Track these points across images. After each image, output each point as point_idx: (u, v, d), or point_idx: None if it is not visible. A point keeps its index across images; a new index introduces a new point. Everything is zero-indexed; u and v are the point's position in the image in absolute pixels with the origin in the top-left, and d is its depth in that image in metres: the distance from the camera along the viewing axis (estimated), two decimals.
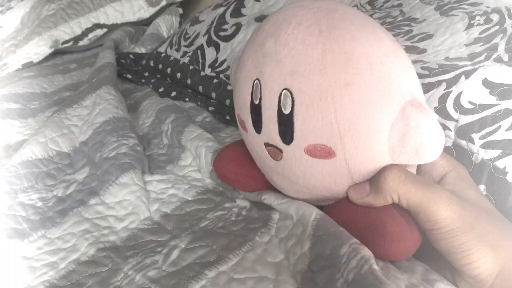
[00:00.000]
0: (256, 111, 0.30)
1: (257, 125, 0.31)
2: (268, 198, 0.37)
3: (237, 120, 0.34)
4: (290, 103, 0.28)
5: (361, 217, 0.30)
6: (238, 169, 0.38)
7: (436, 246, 0.28)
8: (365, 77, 0.26)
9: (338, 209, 0.33)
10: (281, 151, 0.30)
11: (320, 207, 0.34)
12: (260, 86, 0.29)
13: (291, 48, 0.28)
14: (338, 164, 0.29)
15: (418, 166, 0.33)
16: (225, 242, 0.35)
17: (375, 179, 0.30)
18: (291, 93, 0.28)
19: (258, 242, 0.35)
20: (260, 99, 0.30)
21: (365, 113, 0.27)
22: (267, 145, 0.31)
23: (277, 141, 0.30)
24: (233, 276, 0.32)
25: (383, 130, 0.27)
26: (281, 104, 0.28)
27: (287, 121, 0.28)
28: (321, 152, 0.28)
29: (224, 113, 0.61)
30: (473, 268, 0.27)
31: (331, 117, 0.27)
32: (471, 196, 0.30)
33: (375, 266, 0.27)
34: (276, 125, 0.29)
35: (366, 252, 0.28)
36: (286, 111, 0.28)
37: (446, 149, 0.37)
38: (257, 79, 0.30)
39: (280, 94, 0.28)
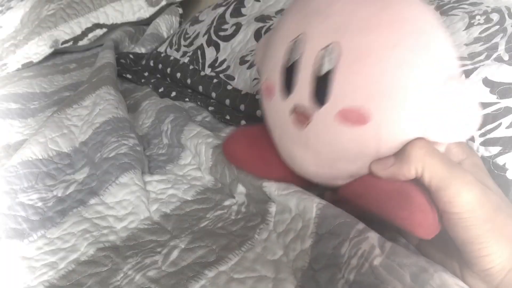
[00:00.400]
0: (290, 70, 0.29)
1: (288, 86, 0.29)
2: (269, 187, 0.36)
3: (262, 89, 0.33)
4: (334, 60, 0.27)
5: (383, 184, 0.29)
6: (250, 149, 0.37)
7: (452, 234, 0.27)
8: (415, 42, 0.26)
9: (358, 180, 0.31)
10: (308, 116, 0.29)
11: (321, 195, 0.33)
12: (302, 42, 0.28)
13: (344, 4, 0.27)
14: (370, 131, 0.27)
15: None
16: (225, 242, 0.35)
17: (401, 150, 0.28)
18: (337, 48, 0.27)
19: (258, 240, 0.35)
20: (299, 57, 0.28)
21: (410, 78, 0.26)
22: (294, 110, 0.30)
23: (309, 103, 0.28)
24: (233, 276, 0.32)
25: (425, 97, 0.26)
26: (324, 60, 0.27)
27: (326, 79, 0.27)
28: (356, 117, 0.27)
29: (224, 113, 0.60)
30: (488, 261, 0.25)
31: (374, 77, 0.26)
32: (491, 186, 0.28)
33: (377, 262, 0.27)
34: (312, 84, 0.28)
35: (368, 244, 0.27)
36: (328, 68, 0.27)
37: None
38: (300, 34, 0.29)
39: (325, 49, 0.27)
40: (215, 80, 0.65)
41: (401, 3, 0.27)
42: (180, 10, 1.11)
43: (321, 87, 0.27)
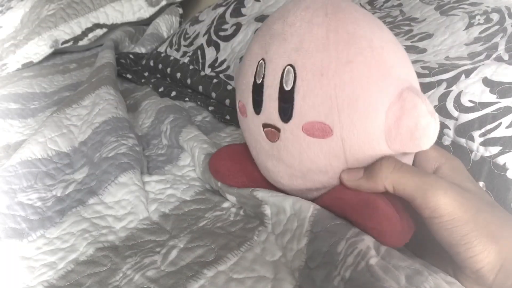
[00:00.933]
0: (257, 90, 0.31)
1: (258, 105, 0.31)
2: (261, 191, 0.36)
3: (238, 107, 0.35)
4: (292, 79, 0.29)
5: (352, 195, 0.30)
6: (232, 164, 0.39)
7: (438, 238, 0.27)
8: (366, 58, 0.28)
9: (329, 193, 0.33)
10: (278, 131, 0.31)
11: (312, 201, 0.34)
12: (264, 65, 0.30)
13: (298, 28, 0.29)
14: (335, 144, 0.29)
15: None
16: (224, 242, 0.35)
17: (370, 166, 0.29)
18: (294, 69, 0.29)
19: (256, 241, 0.35)
20: (263, 78, 0.30)
21: (364, 91, 0.27)
22: (265, 126, 0.32)
23: (276, 119, 0.30)
24: (232, 276, 0.32)
25: (381, 110, 0.28)
26: (283, 80, 0.29)
27: (287, 97, 0.29)
28: (319, 130, 0.29)
29: (224, 113, 0.60)
30: (476, 262, 0.25)
31: (331, 93, 0.28)
32: (470, 187, 0.29)
33: (373, 261, 0.27)
34: (277, 102, 0.30)
35: (364, 245, 0.28)
36: (288, 87, 0.29)
37: (444, 148, 0.37)
38: (262, 59, 0.31)
39: (283, 70, 0.29)
40: (215, 80, 0.65)
41: (353, 22, 0.29)
42: (180, 10, 1.11)
43: (286, 103, 0.29)
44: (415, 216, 0.29)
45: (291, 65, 0.29)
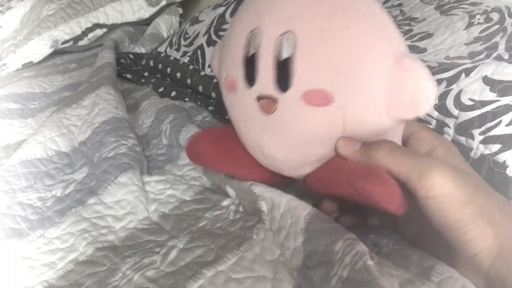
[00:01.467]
0: (251, 61, 0.30)
1: (251, 77, 0.30)
2: (259, 186, 0.36)
3: (224, 84, 0.34)
4: (293, 46, 0.28)
5: (353, 163, 0.30)
6: (213, 147, 0.37)
7: (433, 221, 0.26)
8: (370, 23, 0.28)
9: (325, 165, 0.32)
10: (275, 102, 0.30)
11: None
12: (259, 33, 0.29)
13: None
14: (335, 112, 0.28)
15: (405, 140, 0.33)
16: (223, 242, 0.35)
17: (367, 143, 0.29)
18: (294, 34, 0.28)
19: (256, 240, 0.35)
20: (258, 48, 0.29)
21: (368, 56, 0.27)
22: (259, 98, 0.30)
23: (273, 89, 0.29)
24: (232, 276, 0.32)
25: (382, 75, 0.27)
26: (282, 47, 0.28)
27: (286, 65, 0.28)
28: (320, 98, 0.28)
29: (224, 112, 0.60)
30: (472, 246, 0.24)
31: (334, 59, 0.27)
32: (466, 169, 0.28)
33: (370, 262, 0.27)
34: (274, 71, 0.29)
35: (361, 247, 0.28)
36: (287, 54, 0.28)
37: None
38: (255, 28, 0.30)
39: (282, 37, 0.28)
40: (215, 80, 0.65)
41: None
42: (180, 10, 1.11)
43: (283, 73, 0.28)
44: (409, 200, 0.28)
45: (291, 31, 0.28)
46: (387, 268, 0.28)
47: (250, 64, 0.30)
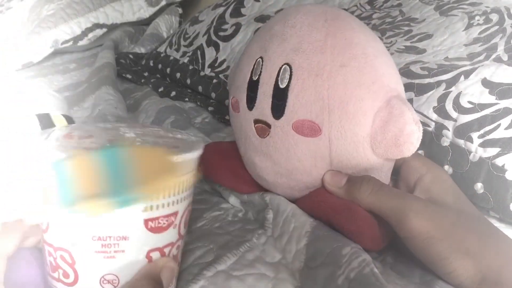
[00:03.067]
0: (253, 87, 0.32)
1: (251, 101, 0.32)
2: (270, 195, 0.36)
3: (230, 103, 0.36)
4: (288, 78, 0.30)
5: (334, 199, 0.32)
6: (220, 162, 0.39)
7: (417, 256, 0.28)
8: (360, 63, 0.29)
9: (314, 192, 0.34)
10: (269, 127, 0.32)
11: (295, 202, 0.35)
12: (262, 63, 0.32)
13: (298, 30, 0.31)
14: (322, 144, 0.30)
15: (396, 171, 0.34)
16: (223, 241, 0.35)
17: (352, 180, 0.31)
18: (290, 67, 0.30)
19: (256, 243, 0.35)
20: (259, 75, 0.32)
21: (355, 94, 0.29)
22: (256, 121, 0.33)
23: (268, 115, 0.31)
24: (232, 274, 0.32)
25: (369, 114, 0.29)
26: (279, 78, 0.31)
27: (281, 95, 0.30)
28: (308, 128, 0.30)
29: (223, 113, 0.60)
30: (455, 277, 0.26)
31: (323, 93, 0.29)
32: (448, 200, 0.29)
33: (376, 270, 0.27)
34: (270, 99, 0.31)
35: (367, 256, 0.28)
36: (283, 85, 0.30)
37: (443, 149, 0.38)
38: (260, 57, 0.32)
39: (280, 68, 0.31)
40: (214, 80, 0.65)
41: (350, 29, 0.30)
42: (180, 10, 1.11)
43: (279, 102, 0.31)
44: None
45: (288, 64, 0.30)
46: (391, 277, 0.29)
47: (253, 89, 0.32)
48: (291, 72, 0.30)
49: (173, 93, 0.70)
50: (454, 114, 0.37)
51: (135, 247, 0.24)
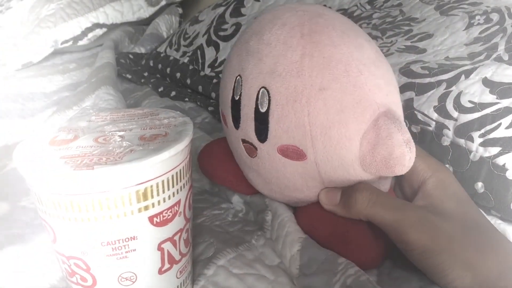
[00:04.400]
0: (236, 106, 0.31)
1: (236, 120, 0.31)
2: (269, 198, 0.36)
3: (221, 116, 0.35)
4: (267, 102, 0.28)
5: (327, 225, 0.31)
6: (219, 164, 0.38)
7: (416, 265, 0.28)
8: (342, 84, 0.26)
9: (307, 213, 0.33)
10: (256, 148, 0.30)
11: (294, 209, 0.35)
12: (241, 82, 0.30)
13: (273, 48, 0.28)
14: (309, 167, 0.29)
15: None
16: (223, 238, 0.35)
17: (346, 194, 0.30)
18: (268, 92, 0.28)
19: (255, 245, 0.35)
20: (241, 95, 0.30)
21: (338, 119, 0.27)
22: (243, 141, 0.31)
23: (253, 138, 0.30)
24: (232, 271, 0.31)
25: (354, 138, 0.27)
26: (258, 102, 0.29)
27: (263, 119, 0.29)
28: (293, 153, 0.29)
29: None
30: (452, 287, 0.27)
31: (304, 120, 0.27)
32: (449, 207, 0.29)
33: (373, 279, 0.28)
34: (253, 122, 0.29)
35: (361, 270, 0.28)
36: (263, 109, 0.28)
37: (443, 149, 0.38)
38: (239, 75, 0.30)
39: (258, 92, 0.28)
40: (214, 80, 0.65)
41: (329, 45, 0.27)
42: (180, 10, 1.11)
43: (262, 125, 0.29)
44: None
45: (265, 88, 0.28)
46: (388, 286, 0.29)
47: (236, 109, 0.31)
48: (269, 96, 0.28)
49: (173, 93, 0.69)
50: (454, 114, 0.37)
51: (146, 244, 0.24)
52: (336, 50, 0.27)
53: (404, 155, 0.26)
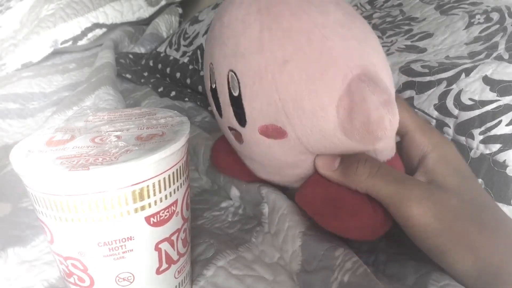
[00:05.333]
0: (215, 95, 0.30)
1: (218, 108, 0.30)
2: (266, 188, 0.36)
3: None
4: (237, 85, 0.27)
5: (321, 191, 0.30)
6: (227, 157, 0.38)
7: (416, 244, 0.27)
8: (305, 53, 0.25)
9: (303, 184, 0.32)
10: (240, 134, 0.29)
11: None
12: (213, 70, 0.29)
13: (233, 29, 0.27)
14: (294, 143, 0.27)
15: (400, 137, 0.32)
16: (223, 239, 0.35)
17: (347, 162, 0.28)
18: (235, 74, 0.27)
19: (254, 243, 0.35)
20: (216, 83, 0.29)
21: (307, 90, 0.25)
22: (230, 128, 0.30)
23: (235, 124, 0.29)
24: (232, 272, 0.31)
25: (329, 107, 0.25)
26: (230, 86, 0.28)
27: (238, 103, 0.28)
28: (274, 132, 0.27)
29: None
30: (453, 269, 0.25)
31: (274, 96, 0.26)
32: (452, 183, 0.27)
33: (369, 271, 0.27)
34: (231, 108, 0.28)
35: (359, 259, 0.28)
36: (235, 93, 0.27)
37: None
38: (211, 63, 0.29)
39: (228, 76, 0.27)
40: None
41: (287, 15, 0.25)
42: (180, 10, 1.11)
43: (238, 109, 0.28)
44: None
45: (232, 71, 0.27)
46: (383, 281, 0.28)
47: (215, 97, 0.30)
48: (237, 78, 0.27)
49: (173, 93, 0.69)
50: (455, 111, 0.37)
51: (143, 244, 0.24)
52: (296, 20, 0.25)
53: (382, 118, 0.24)
